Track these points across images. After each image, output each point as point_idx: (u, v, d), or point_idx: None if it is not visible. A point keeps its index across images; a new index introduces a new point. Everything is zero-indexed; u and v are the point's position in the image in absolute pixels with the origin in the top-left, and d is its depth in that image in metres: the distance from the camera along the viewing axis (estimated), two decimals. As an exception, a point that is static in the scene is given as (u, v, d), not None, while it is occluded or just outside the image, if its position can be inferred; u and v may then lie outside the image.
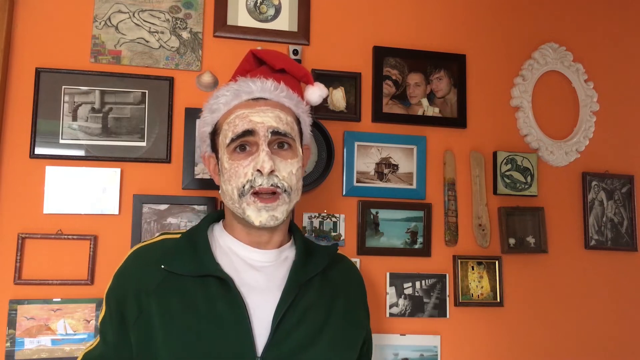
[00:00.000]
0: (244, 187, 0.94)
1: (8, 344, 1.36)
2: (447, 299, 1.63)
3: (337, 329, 0.98)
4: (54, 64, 1.48)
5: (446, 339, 1.62)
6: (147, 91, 1.51)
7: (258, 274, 0.97)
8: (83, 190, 1.45)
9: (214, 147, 1.03)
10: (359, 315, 1.08)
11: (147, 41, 1.54)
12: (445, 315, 1.63)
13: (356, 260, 1.59)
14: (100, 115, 1.49)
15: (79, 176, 1.45)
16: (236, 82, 1.01)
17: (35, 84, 1.45)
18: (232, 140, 0.95)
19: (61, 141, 1.46)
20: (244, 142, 0.95)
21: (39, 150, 1.44)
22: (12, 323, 1.37)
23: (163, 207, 1.49)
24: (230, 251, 1.00)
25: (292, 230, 1.08)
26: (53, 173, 1.44)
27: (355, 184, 1.62)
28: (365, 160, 1.64)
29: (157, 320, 0.90)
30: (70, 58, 1.49)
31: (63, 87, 1.47)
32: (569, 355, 1.71)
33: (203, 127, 1.04)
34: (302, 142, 1.05)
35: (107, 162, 1.48)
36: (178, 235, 1.02)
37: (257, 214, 0.94)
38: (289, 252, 1.04)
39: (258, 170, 0.93)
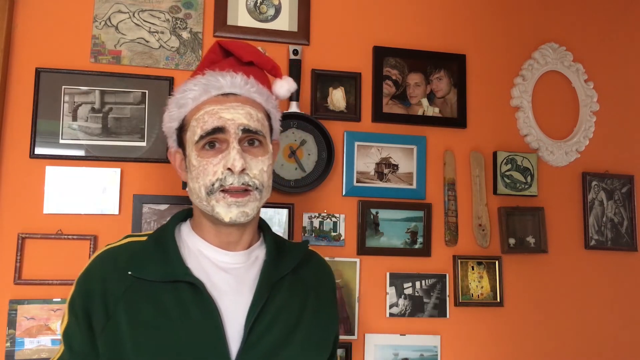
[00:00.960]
0: (213, 185, 0.91)
1: (8, 344, 1.36)
2: (447, 299, 1.63)
3: (309, 328, 0.97)
4: (54, 64, 1.48)
5: (446, 339, 1.62)
6: (147, 91, 1.51)
7: (229, 276, 0.95)
8: (83, 190, 1.45)
9: (181, 143, 0.99)
10: (330, 314, 1.06)
11: (147, 41, 1.54)
12: (445, 315, 1.63)
13: (356, 260, 1.59)
14: (100, 115, 1.49)
15: (79, 176, 1.45)
16: (204, 75, 0.96)
17: (35, 84, 1.45)
18: (201, 137, 0.91)
19: (61, 141, 1.46)
20: (214, 139, 0.92)
21: (39, 150, 1.44)
22: (12, 323, 1.37)
23: (163, 207, 1.48)
24: (200, 253, 0.96)
25: (262, 227, 1.06)
26: (53, 173, 1.44)
27: (355, 184, 1.62)
28: (365, 160, 1.64)
29: (125, 328, 0.87)
30: (70, 58, 1.49)
31: (63, 87, 1.47)
32: (569, 355, 1.71)
33: (169, 122, 1.00)
34: (272, 138, 1.02)
35: (107, 162, 1.48)
36: (144, 238, 0.98)
37: (227, 210, 0.91)
38: (259, 252, 1.01)
39: (229, 169, 0.90)
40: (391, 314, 1.60)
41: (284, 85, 1.05)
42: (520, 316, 1.69)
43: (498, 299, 1.66)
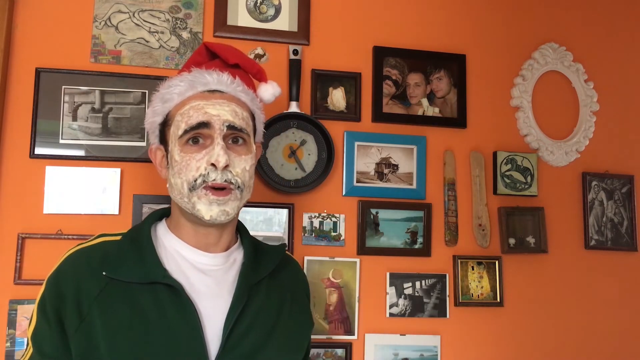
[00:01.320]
0: (195, 181, 0.89)
1: (8, 344, 1.36)
2: (447, 299, 1.63)
3: (285, 331, 0.97)
4: (54, 64, 1.48)
5: (446, 339, 1.62)
6: (147, 91, 1.51)
7: (207, 278, 0.93)
8: (83, 190, 1.45)
9: (163, 139, 0.97)
10: (305, 318, 1.06)
11: (147, 41, 1.54)
12: (445, 315, 1.63)
13: (356, 260, 1.59)
14: (100, 115, 1.49)
15: (79, 176, 1.45)
16: (190, 72, 0.96)
17: (35, 84, 1.45)
18: (186, 131, 0.90)
19: (61, 141, 1.46)
20: (198, 134, 0.91)
21: (39, 150, 1.44)
22: (12, 323, 1.37)
23: (163, 207, 1.48)
24: (177, 254, 0.95)
25: (240, 230, 1.05)
26: (53, 173, 1.44)
27: (355, 184, 1.62)
28: (365, 160, 1.64)
29: (100, 330, 0.84)
30: (70, 58, 1.49)
31: (63, 87, 1.47)
32: (569, 354, 1.71)
33: (153, 117, 0.98)
34: (255, 139, 1.02)
35: (107, 162, 1.48)
36: (118, 237, 0.95)
37: (208, 208, 0.89)
38: (237, 254, 1.00)
39: (212, 165, 0.89)
40: (391, 314, 1.60)
41: (269, 89, 1.04)
42: (520, 316, 1.69)
43: (498, 299, 1.66)
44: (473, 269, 1.66)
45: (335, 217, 1.60)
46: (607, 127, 1.85)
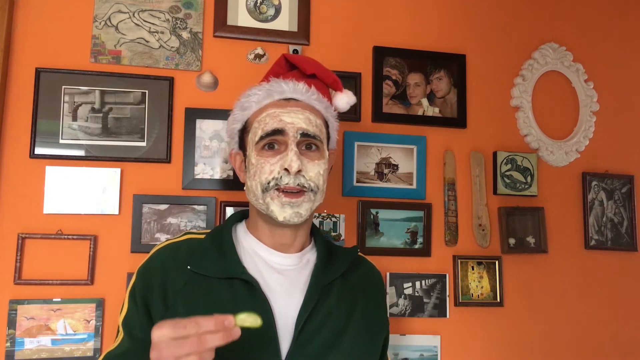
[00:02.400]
0: (268, 183, 0.94)
1: (8, 344, 1.36)
2: (447, 299, 1.63)
3: (357, 332, 0.99)
4: (54, 64, 1.48)
5: (446, 339, 1.62)
6: (147, 91, 1.51)
7: (281, 277, 0.98)
8: (83, 190, 1.45)
9: (242, 145, 1.04)
10: (379, 317, 1.08)
11: (147, 41, 1.54)
12: (445, 315, 1.63)
13: (356, 260, 1.59)
14: (100, 115, 1.49)
15: (79, 176, 1.45)
16: (268, 82, 1.02)
17: (35, 84, 1.45)
18: (262, 137, 0.96)
19: (61, 141, 1.46)
20: (273, 140, 0.96)
21: (39, 150, 1.44)
22: (12, 323, 1.37)
23: (163, 207, 1.49)
24: (254, 253, 1.00)
25: (314, 232, 1.09)
26: (53, 173, 1.44)
27: (355, 184, 1.62)
28: (365, 160, 1.64)
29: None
30: (70, 58, 1.49)
31: (63, 87, 1.47)
32: (569, 355, 1.71)
33: (233, 124, 1.05)
34: (329, 146, 1.06)
35: (107, 162, 1.48)
36: (202, 236, 1.02)
37: (281, 209, 0.94)
38: (310, 255, 1.05)
39: (285, 169, 0.94)
40: (391, 314, 1.60)
41: (344, 98, 1.09)
42: (520, 316, 1.69)
43: (498, 299, 1.66)
44: (473, 269, 1.66)
45: (335, 217, 1.60)
46: (607, 127, 1.85)
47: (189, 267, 0.94)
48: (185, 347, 0.70)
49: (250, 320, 0.77)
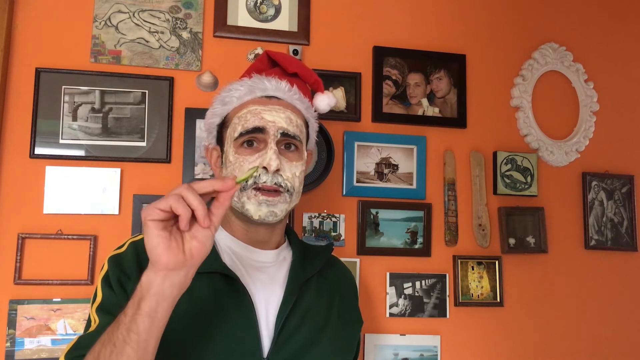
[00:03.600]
0: (247, 182, 0.93)
1: (8, 344, 1.36)
2: (447, 299, 1.63)
3: (335, 329, 0.99)
4: (54, 64, 1.48)
5: (446, 339, 1.62)
6: (147, 91, 1.51)
7: (261, 274, 0.97)
8: (83, 190, 1.45)
9: (220, 140, 1.03)
10: (354, 315, 1.08)
11: (147, 41, 1.54)
12: (445, 315, 1.63)
13: (356, 260, 1.59)
14: (100, 115, 1.49)
15: (79, 176, 1.45)
16: (250, 78, 1.01)
17: (35, 84, 1.45)
18: (241, 134, 0.95)
19: (61, 141, 1.46)
20: (253, 138, 0.96)
21: (39, 150, 1.44)
22: (12, 323, 1.37)
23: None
24: (231, 250, 0.99)
25: (287, 231, 1.09)
26: (53, 173, 1.44)
27: (355, 184, 1.62)
28: (365, 160, 1.64)
29: None
30: (70, 58, 1.49)
31: (63, 87, 1.47)
32: (569, 355, 1.71)
33: (211, 118, 1.04)
34: (307, 146, 1.06)
35: (107, 162, 1.48)
36: None
37: (257, 208, 0.93)
38: (286, 253, 1.04)
39: (264, 168, 0.93)
40: (391, 314, 1.60)
41: (325, 100, 1.09)
42: (520, 316, 1.69)
43: (498, 299, 1.66)
44: (473, 269, 1.66)
45: (335, 217, 1.60)
46: (607, 127, 1.85)
47: None
48: (169, 198, 0.70)
49: (247, 175, 0.80)
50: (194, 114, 1.53)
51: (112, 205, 1.46)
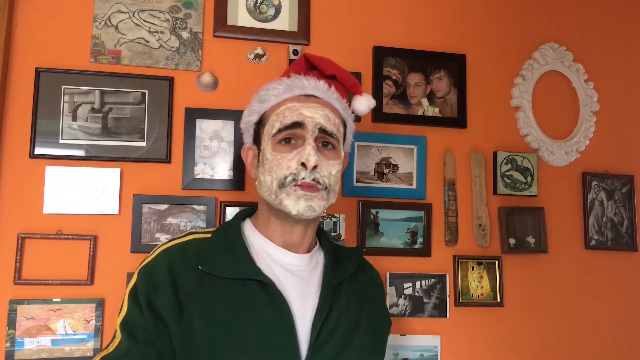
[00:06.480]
0: (285, 178, 0.93)
1: (8, 344, 1.36)
2: (447, 299, 1.63)
3: (365, 333, 0.99)
4: (54, 64, 1.48)
5: (446, 339, 1.62)
6: (147, 91, 1.51)
7: (295, 278, 0.96)
8: (83, 190, 1.45)
9: (256, 139, 1.02)
10: (383, 316, 1.09)
11: (147, 41, 1.54)
12: (445, 315, 1.63)
13: (356, 260, 1.59)
14: (100, 115, 1.49)
15: (79, 176, 1.45)
16: (289, 77, 1.01)
17: (35, 84, 1.45)
18: (280, 130, 0.95)
19: (61, 141, 1.46)
20: (291, 134, 0.95)
21: (39, 150, 1.44)
22: (12, 323, 1.37)
23: (163, 207, 1.48)
24: (265, 254, 0.98)
25: (319, 233, 1.08)
26: (53, 173, 1.44)
27: (355, 184, 1.62)
28: (365, 160, 1.64)
29: (198, 323, 0.87)
30: (70, 58, 1.49)
31: (63, 87, 1.47)
32: (569, 355, 1.71)
33: (249, 116, 1.03)
34: (344, 147, 1.05)
35: (107, 162, 1.48)
36: (208, 235, 0.99)
37: (295, 203, 0.92)
38: (318, 256, 1.04)
39: (302, 164, 0.92)
40: (391, 314, 1.59)
41: (364, 101, 1.08)
42: (520, 316, 1.69)
43: (498, 299, 1.66)
44: (473, 269, 1.66)
45: (335, 217, 1.60)
46: (607, 127, 1.85)
47: (200, 267, 0.91)
48: None
49: None
50: (194, 114, 1.52)
51: (112, 206, 1.46)
